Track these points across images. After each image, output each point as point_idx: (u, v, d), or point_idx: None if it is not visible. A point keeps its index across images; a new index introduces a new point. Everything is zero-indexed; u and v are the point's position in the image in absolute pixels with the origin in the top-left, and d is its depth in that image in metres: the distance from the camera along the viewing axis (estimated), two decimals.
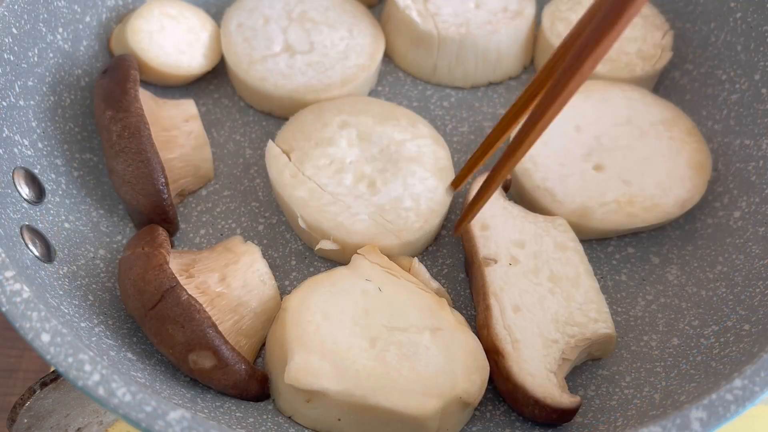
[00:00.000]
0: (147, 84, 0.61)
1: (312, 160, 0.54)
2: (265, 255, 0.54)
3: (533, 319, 0.47)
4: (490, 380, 0.47)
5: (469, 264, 0.52)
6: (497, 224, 0.51)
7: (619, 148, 0.56)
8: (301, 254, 0.55)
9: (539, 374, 0.45)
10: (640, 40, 0.62)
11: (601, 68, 0.61)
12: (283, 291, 0.53)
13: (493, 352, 0.46)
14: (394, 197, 0.53)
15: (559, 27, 0.63)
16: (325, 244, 0.52)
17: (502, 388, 0.47)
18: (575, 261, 0.50)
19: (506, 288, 0.48)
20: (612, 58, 0.61)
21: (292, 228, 0.56)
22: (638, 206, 0.53)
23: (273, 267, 0.54)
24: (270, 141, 0.55)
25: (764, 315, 0.46)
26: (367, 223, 0.52)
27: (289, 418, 0.47)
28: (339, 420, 0.45)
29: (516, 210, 0.53)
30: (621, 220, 0.53)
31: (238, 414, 0.45)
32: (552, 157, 0.55)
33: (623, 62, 0.61)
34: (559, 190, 0.54)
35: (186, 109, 0.57)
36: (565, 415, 0.45)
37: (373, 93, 0.64)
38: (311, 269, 0.55)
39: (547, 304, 0.48)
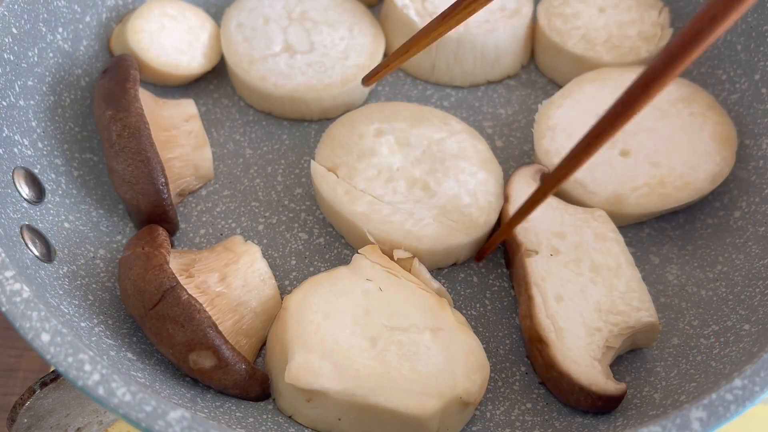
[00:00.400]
0: (147, 84, 0.61)
1: (360, 173, 0.54)
2: (264, 255, 0.54)
3: (576, 308, 0.47)
4: (532, 369, 0.47)
5: (510, 256, 0.53)
6: (537, 216, 0.52)
7: (643, 131, 0.56)
8: (301, 254, 0.55)
9: (583, 362, 0.45)
10: (639, 21, 0.63)
11: (606, 56, 0.61)
12: (283, 291, 0.53)
13: (536, 341, 0.47)
14: (452, 196, 0.52)
15: (557, 23, 0.63)
16: (400, 253, 0.51)
17: (545, 376, 0.47)
18: (616, 251, 0.50)
19: (548, 278, 0.49)
20: (616, 45, 0.61)
21: (349, 243, 0.55)
22: (670, 186, 0.53)
23: (273, 267, 0.54)
24: (312, 161, 0.55)
25: (764, 315, 0.46)
26: (434, 226, 0.52)
27: (290, 417, 0.47)
28: (339, 420, 0.45)
29: (555, 202, 0.53)
30: (655, 202, 0.53)
31: (237, 414, 0.45)
32: None
33: (627, 47, 0.61)
34: (589, 180, 0.54)
35: (186, 108, 0.57)
36: (611, 401, 0.45)
37: (373, 93, 0.64)
38: (311, 269, 0.55)
39: (590, 294, 0.48)
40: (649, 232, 0.56)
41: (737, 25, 0.58)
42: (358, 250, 0.51)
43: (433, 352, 0.46)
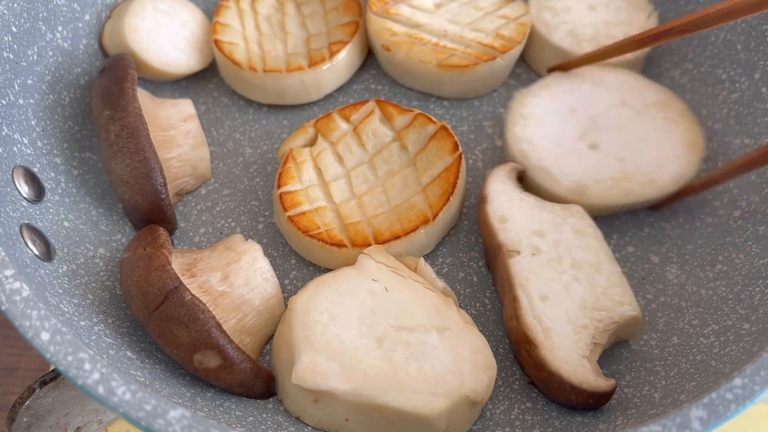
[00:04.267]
0: (144, 80, 0.61)
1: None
2: (264, 254, 0.54)
3: (561, 306, 0.47)
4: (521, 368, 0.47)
5: (491, 257, 0.53)
6: (515, 215, 0.52)
7: (614, 128, 0.56)
8: None
9: (573, 360, 0.45)
10: (626, 23, 0.63)
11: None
12: (283, 289, 0.53)
13: (524, 342, 0.47)
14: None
15: (546, 15, 0.63)
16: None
17: (535, 377, 0.47)
18: (595, 246, 0.50)
19: (531, 278, 0.49)
20: (601, 43, 0.62)
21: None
22: (634, 182, 0.54)
23: (273, 266, 0.53)
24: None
25: (764, 314, 0.46)
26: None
27: (297, 418, 0.47)
28: (347, 420, 0.45)
29: (532, 200, 0.53)
30: (618, 195, 0.53)
31: (237, 413, 0.45)
32: (547, 137, 0.56)
33: None
34: (555, 169, 0.54)
35: (184, 108, 0.57)
36: (602, 398, 0.45)
37: (373, 92, 0.64)
38: (311, 268, 0.55)
39: (573, 291, 0.48)
40: (649, 231, 0.56)
41: (737, 24, 0.58)
42: (364, 251, 0.51)
43: (440, 352, 0.45)
